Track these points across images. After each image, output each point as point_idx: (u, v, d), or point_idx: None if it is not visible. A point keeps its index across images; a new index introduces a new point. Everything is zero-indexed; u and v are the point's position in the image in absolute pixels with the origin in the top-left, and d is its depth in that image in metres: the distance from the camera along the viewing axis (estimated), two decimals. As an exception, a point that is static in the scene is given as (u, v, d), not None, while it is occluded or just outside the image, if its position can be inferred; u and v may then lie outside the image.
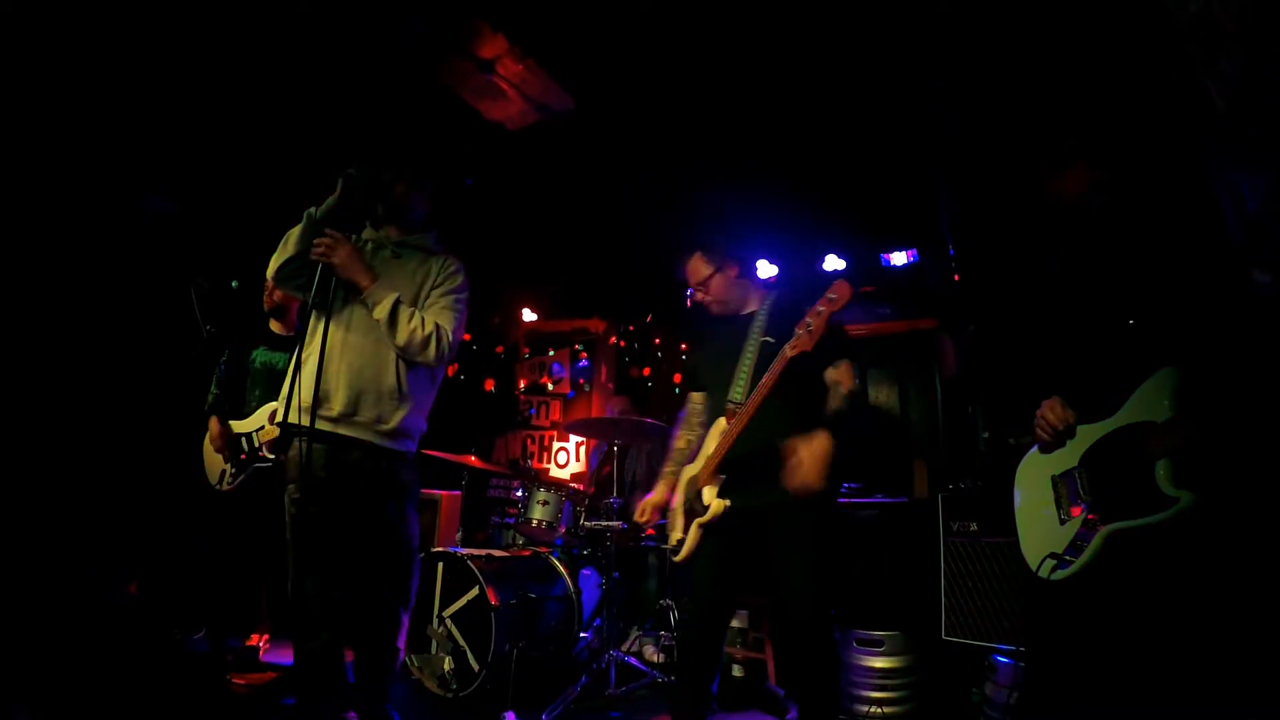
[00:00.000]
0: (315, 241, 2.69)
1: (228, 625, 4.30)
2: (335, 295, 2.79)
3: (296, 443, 2.66)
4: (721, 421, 3.02)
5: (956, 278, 5.16)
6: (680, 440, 3.36)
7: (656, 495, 3.26)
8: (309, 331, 2.84)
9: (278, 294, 4.28)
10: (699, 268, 3.26)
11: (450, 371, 7.25)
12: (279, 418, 2.76)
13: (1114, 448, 2.06)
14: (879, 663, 3.58)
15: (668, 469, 3.32)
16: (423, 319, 2.78)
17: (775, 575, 2.87)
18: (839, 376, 2.95)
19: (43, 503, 4.31)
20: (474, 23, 3.81)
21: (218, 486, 4.26)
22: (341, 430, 2.74)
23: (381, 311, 2.73)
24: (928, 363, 5.86)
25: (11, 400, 4.27)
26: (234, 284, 4.15)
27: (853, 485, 4.51)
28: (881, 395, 6.12)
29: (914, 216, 5.39)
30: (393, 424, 2.79)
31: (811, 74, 4.15)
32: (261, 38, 3.92)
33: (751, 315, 3.19)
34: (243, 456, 4.20)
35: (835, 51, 3.97)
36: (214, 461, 4.29)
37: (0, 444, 4.20)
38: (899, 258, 5.63)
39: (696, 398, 3.39)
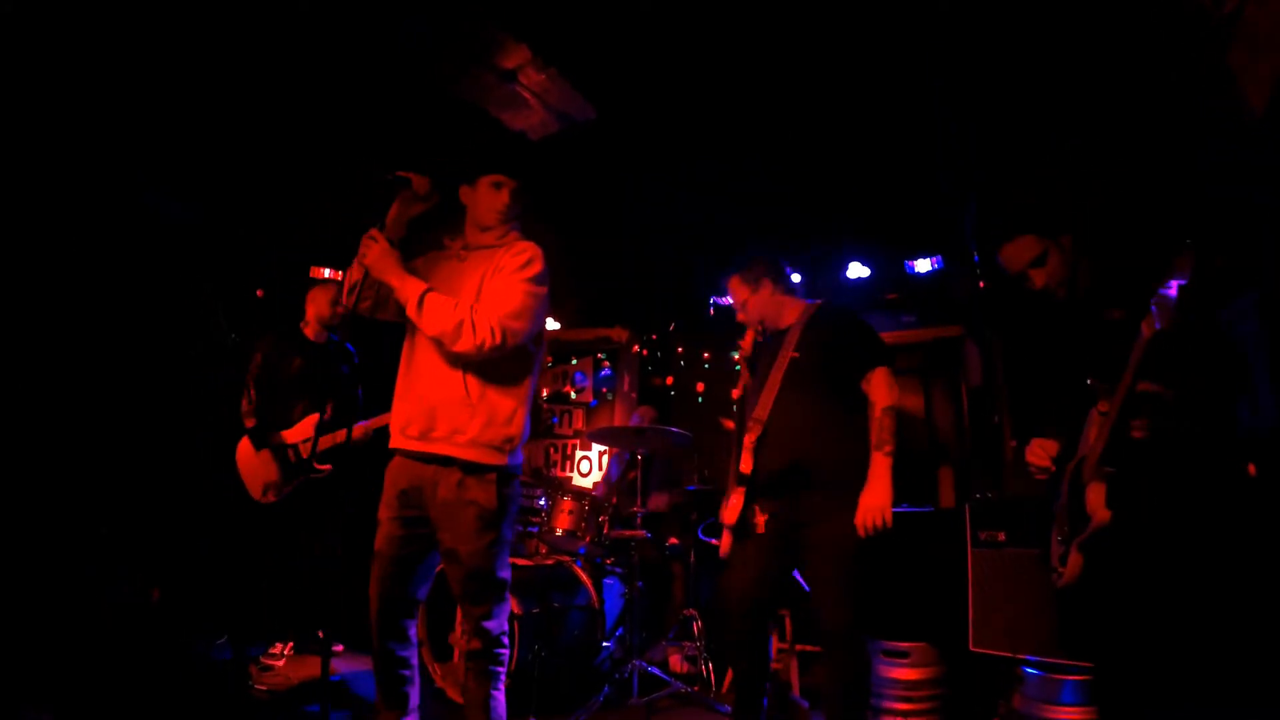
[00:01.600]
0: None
1: (251, 633, 4.33)
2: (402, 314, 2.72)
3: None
4: (748, 438, 3.07)
5: (981, 285, 5.11)
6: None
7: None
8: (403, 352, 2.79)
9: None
10: (737, 290, 3.32)
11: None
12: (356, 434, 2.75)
13: (1072, 479, 2.28)
14: (905, 674, 3.54)
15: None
16: (455, 305, 2.54)
17: (813, 587, 2.91)
18: (875, 390, 2.98)
19: (65, 509, 4.36)
20: (496, 33, 3.83)
21: (261, 499, 4.19)
22: (421, 447, 2.62)
23: (411, 308, 2.55)
24: (953, 371, 5.80)
25: (33, 406, 4.32)
26: (259, 293, 4.19)
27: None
28: (906, 403, 6.06)
29: (938, 223, 5.35)
30: (469, 435, 2.59)
31: (835, 81, 4.13)
32: (283, 47, 3.96)
33: (787, 330, 3.21)
34: (292, 460, 4.19)
35: (859, 58, 3.95)
36: (255, 473, 4.21)
37: (23, 449, 4.25)
38: (923, 265, 5.58)
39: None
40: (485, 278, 2.69)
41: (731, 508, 3.06)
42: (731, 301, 3.38)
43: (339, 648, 4.55)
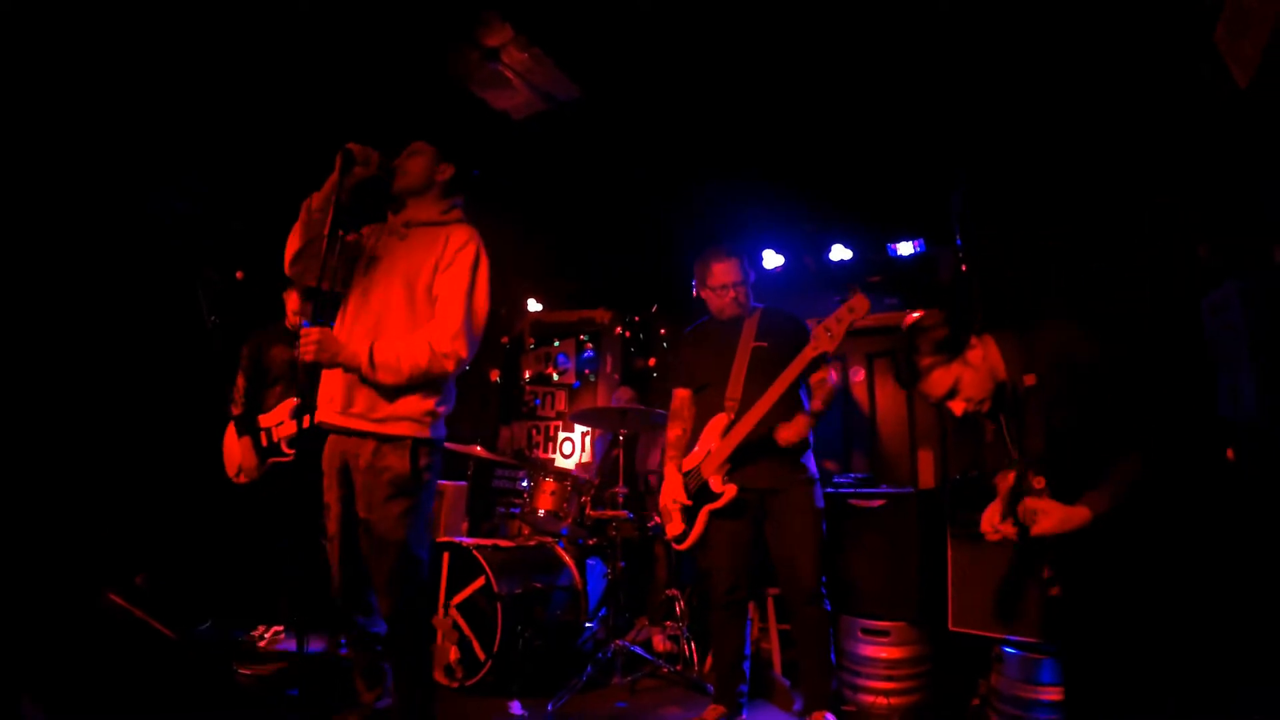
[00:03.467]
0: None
1: (235, 616, 4.33)
2: (347, 285, 2.83)
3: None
4: (721, 417, 3.36)
5: (964, 268, 5.13)
6: (674, 432, 3.61)
7: (674, 491, 3.46)
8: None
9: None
10: (733, 273, 3.52)
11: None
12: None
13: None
14: (886, 653, 3.57)
15: (670, 462, 3.55)
16: (401, 352, 2.58)
17: (784, 548, 3.32)
18: (825, 374, 3.48)
19: (47, 495, 4.31)
20: (480, 10, 3.79)
21: (235, 479, 4.30)
22: (342, 422, 2.69)
23: (365, 369, 2.57)
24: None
25: (17, 395, 4.27)
26: (239, 275, 4.14)
27: (859, 476, 4.49)
28: (887, 385, 6.09)
29: (921, 206, 5.35)
30: (384, 412, 2.65)
31: (817, 63, 4.11)
32: (267, 31, 3.90)
33: (739, 321, 3.55)
34: (264, 444, 4.25)
35: (841, 40, 3.93)
36: (232, 456, 4.31)
37: (12, 441, 4.20)
38: (906, 248, 5.59)
39: (684, 394, 3.65)
40: (436, 271, 2.73)
41: (674, 487, 3.44)
42: (720, 280, 3.52)
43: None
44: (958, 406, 2.43)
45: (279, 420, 4.26)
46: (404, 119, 4.57)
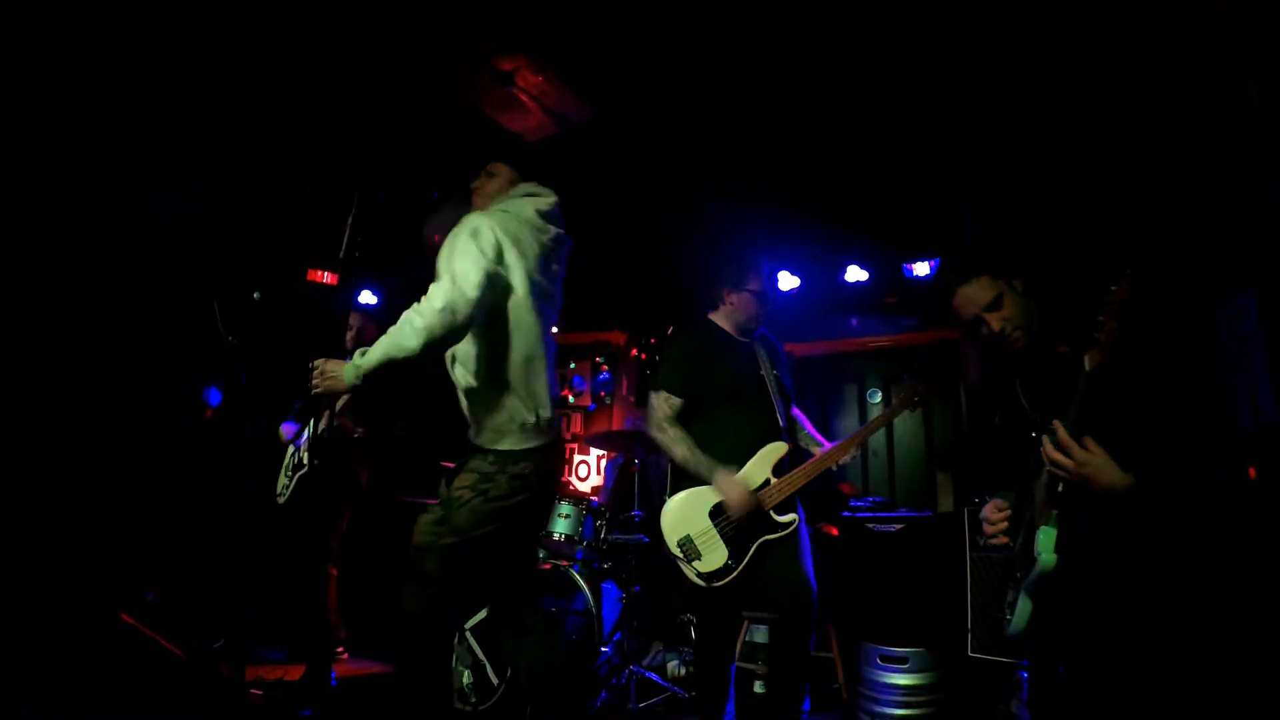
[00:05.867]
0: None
1: (249, 636, 4.33)
2: None
3: None
4: (780, 446, 3.21)
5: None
6: (682, 450, 3.21)
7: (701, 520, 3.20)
8: None
9: None
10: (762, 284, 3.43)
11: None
12: None
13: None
14: (903, 680, 3.52)
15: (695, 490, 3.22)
16: (401, 321, 2.49)
17: (800, 575, 3.10)
18: None
19: (59, 505, 4.34)
20: (492, 35, 3.83)
21: (278, 499, 4.27)
22: None
23: (371, 358, 2.47)
24: (951, 374, 5.79)
25: (35, 403, 4.31)
26: (255, 295, 4.18)
27: (876, 500, 4.46)
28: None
29: (936, 226, 5.33)
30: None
31: (831, 83, 4.12)
32: (282, 48, 3.96)
33: (750, 343, 3.44)
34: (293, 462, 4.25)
35: (856, 60, 3.94)
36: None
37: (20, 448, 4.24)
38: (921, 268, 5.56)
39: (675, 401, 3.27)
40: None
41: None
42: (771, 291, 3.48)
43: (342, 654, 4.54)
44: (996, 321, 2.31)
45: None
46: (417, 138, 4.63)
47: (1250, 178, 2.90)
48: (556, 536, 4.43)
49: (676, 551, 3.14)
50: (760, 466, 3.15)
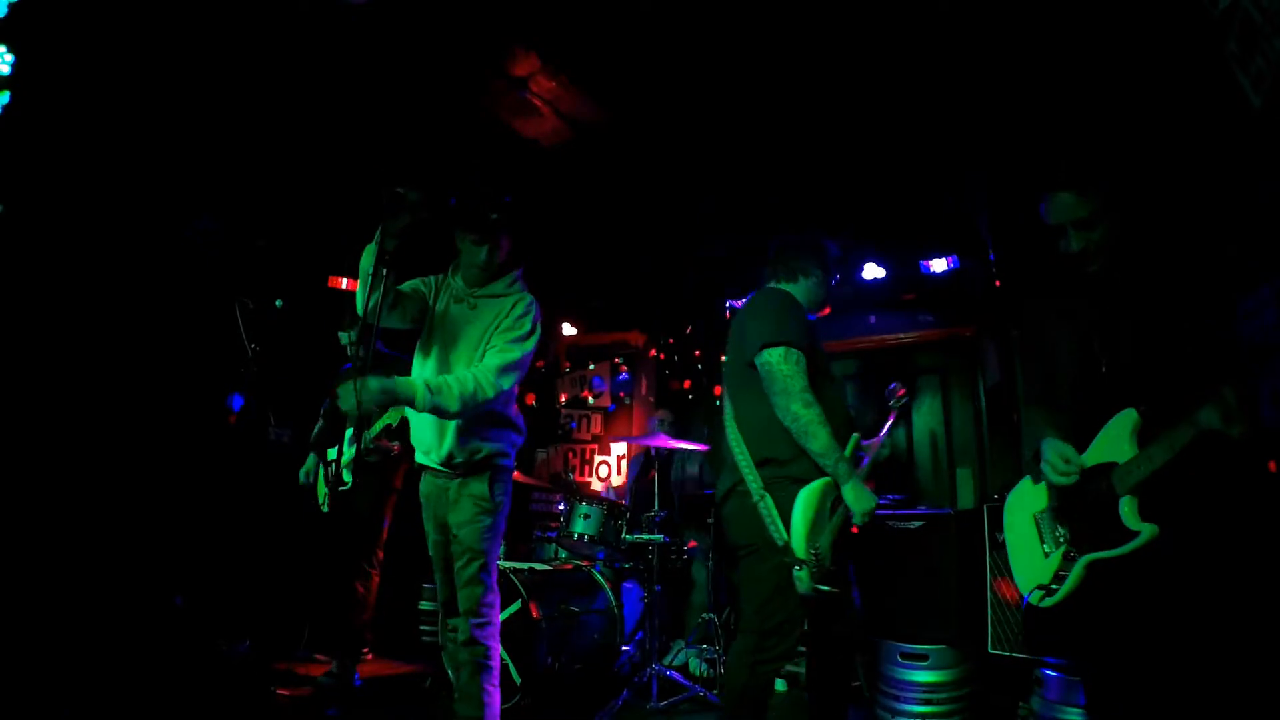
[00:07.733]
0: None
1: (275, 637, 4.40)
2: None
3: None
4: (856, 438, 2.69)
5: (998, 283, 5.08)
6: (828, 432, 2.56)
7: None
8: None
9: None
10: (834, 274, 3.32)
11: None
12: None
13: (1083, 487, 2.14)
14: (924, 677, 3.52)
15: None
16: (448, 380, 2.68)
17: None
18: None
19: (89, 513, 4.43)
20: (508, 41, 3.88)
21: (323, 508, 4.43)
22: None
23: (422, 403, 2.63)
24: (970, 370, 5.77)
25: (62, 414, 4.40)
26: (279, 303, 4.24)
27: (897, 497, 4.45)
28: (925, 404, 6.04)
29: (953, 222, 5.32)
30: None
31: (848, 80, 4.13)
32: (303, 62, 4.03)
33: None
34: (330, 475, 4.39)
35: (871, 58, 3.94)
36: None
37: (50, 455, 4.33)
38: (939, 264, 5.54)
39: (804, 362, 2.68)
40: (489, 334, 2.86)
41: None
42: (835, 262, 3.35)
43: (368, 654, 4.60)
44: (1082, 237, 2.23)
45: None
46: (438, 147, 4.68)
47: (1263, 170, 2.88)
48: (577, 537, 4.47)
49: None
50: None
